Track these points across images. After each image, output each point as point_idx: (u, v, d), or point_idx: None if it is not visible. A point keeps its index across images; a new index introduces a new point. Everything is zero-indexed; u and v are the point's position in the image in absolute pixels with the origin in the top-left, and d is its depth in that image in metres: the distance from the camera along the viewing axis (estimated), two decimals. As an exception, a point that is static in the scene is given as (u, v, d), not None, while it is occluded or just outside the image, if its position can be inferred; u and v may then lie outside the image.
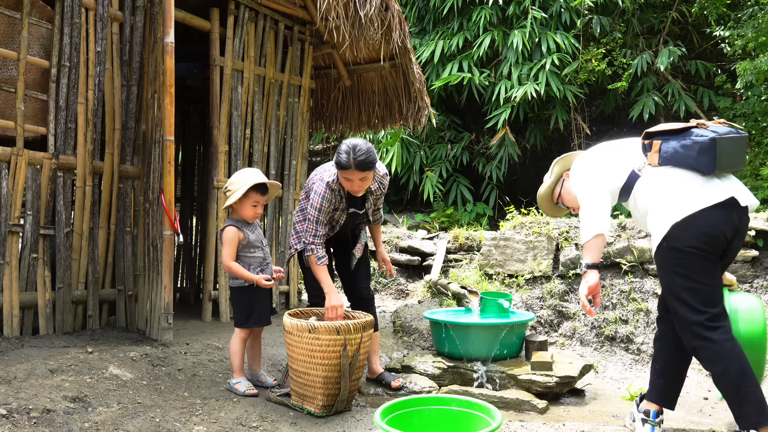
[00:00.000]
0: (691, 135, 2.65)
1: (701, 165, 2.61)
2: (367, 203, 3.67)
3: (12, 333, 3.77)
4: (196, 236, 6.68)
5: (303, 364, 3.10)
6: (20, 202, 3.88)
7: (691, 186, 2.64)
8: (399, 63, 5.80)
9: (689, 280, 2.62)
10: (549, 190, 3.19)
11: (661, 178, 2.70)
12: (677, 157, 2.66)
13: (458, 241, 6.48)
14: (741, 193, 2.69)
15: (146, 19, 4.43)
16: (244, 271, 3.42)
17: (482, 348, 3.95)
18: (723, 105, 7.42)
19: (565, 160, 3.15)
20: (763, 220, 4.69)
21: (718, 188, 2.64)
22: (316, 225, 3.47)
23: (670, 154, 2.67)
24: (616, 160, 2.86)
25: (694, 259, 2.61)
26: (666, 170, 2.70)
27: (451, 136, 8.98)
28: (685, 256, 2.61)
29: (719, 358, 2.57)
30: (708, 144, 2.59)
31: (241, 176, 3.47)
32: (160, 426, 2.79)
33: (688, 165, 2.65)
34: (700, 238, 2.59)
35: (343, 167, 3.28)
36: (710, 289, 2.63)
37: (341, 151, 3.29)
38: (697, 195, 2.62)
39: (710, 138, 2.59)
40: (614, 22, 8.01)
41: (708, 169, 2.61)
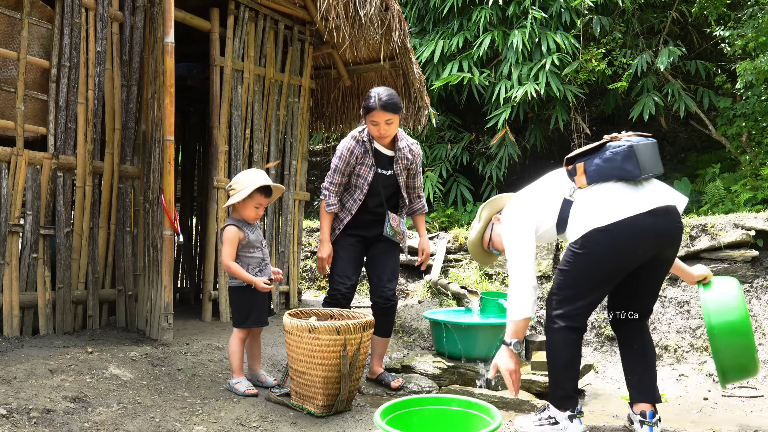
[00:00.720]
0: (609, 149, 2.80)
1: (627, 172, 2.74)
2: (396, 166, 3.72)
3: (12, 333, 3.77)
4: (196, 236, 6.68)
5: (303, 364, 3.10)
6: (20, 202, 3.88)
7: (617, 196, 2.76)
8: (399, 63, 5.80)
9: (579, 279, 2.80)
10: (479, 236, 3.24)
11: (594, 195, 2.81)
12: (603, 171, 2.78)
13: (458, 241, 6.48)
14: (670, 196, 2.81)
15: (146, 19, 4.43)
16: (243, 271, 3.42)
17: (482, 348, 3.95)
18: (723, 105, 7.41)
19: (494, 203, 3.21)
20: (763, 220, 4.69)
21: (645, 197, 2.75)
22: (334, 174, 3.66)
23: (595, 170, 2.79)
24: (544, 198, 2.96)
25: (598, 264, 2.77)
26: (596, 187, 2.82)
27: (451, 136, 8.98)
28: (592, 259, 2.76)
29: (559, 345, 2.83)
30: (627, 151, 2.74)
31: (247, 177, 3.47)
32: (160, 426, 2.79)
33: (615, 176, 2.77)
34: (615, 245, 2.72)
35: (369, 110, 3.53)
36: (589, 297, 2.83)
37: (368, 96, 3.56)
38: (623, 204, 2.73)
39: (628, 145, 2.75)
40: (614, 22, 8.01)
41: (634, 174, 2.74)
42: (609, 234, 2.72)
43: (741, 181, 6.71)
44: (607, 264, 2.79)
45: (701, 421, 3.41)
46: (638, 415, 2.94)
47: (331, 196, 3.68)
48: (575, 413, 2.87)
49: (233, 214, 3.54)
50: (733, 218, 4.83)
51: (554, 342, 2.87)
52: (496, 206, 3.22)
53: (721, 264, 4.67)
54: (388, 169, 3.71)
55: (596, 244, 2.75)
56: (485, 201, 3.33)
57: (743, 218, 4.80)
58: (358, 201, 3.70)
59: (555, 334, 2.86)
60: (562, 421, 2.85)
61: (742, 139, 7.08)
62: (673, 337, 4.50)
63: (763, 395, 3.88)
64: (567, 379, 2.87)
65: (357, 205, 3.71)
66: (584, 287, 2.83)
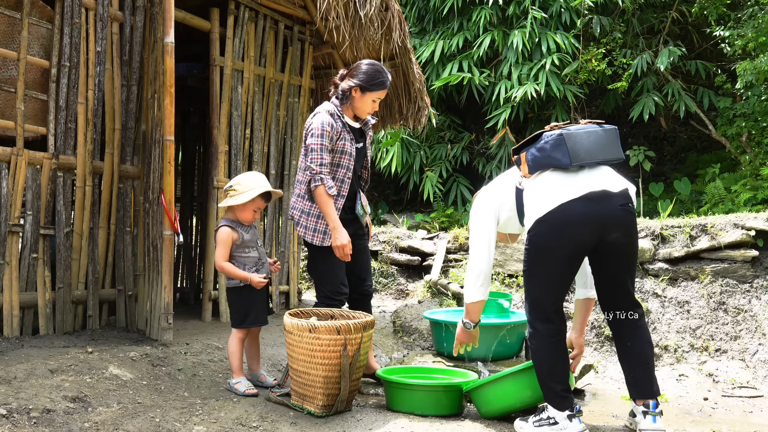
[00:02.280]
0: (543, 138, 2.87)
1: (556, 160, 2.79)
2: (367, 138, 3.64)
3: (12, 333, 3.77)
4: (196, 236, 6.68)
5: (303, 364, 3.10)
6: (20, 202, 3.87)
7: (552, 184, 2.81)
8: (399, 63, 5.79)
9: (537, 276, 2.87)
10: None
11: (533, 184, 2.90)
12: (537, 160, 2.86)
13: (458, 241, 6.48)
14: (610, 183, 2.80)
15: (146, 19, 4.43)
16: (236, 270, 3.42)
17: (482, 348, 3.95)
18: (723, 105, 7.41)
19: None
20: (763, 220, 4.69)
21: (579, 183, 2.77)
22: (321, 152, 3.33)
23: (531, 159, 2.87)
24: (502, 187, 3.10)
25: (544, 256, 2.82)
26: (536, 176, 2.90)
27: (451, 136, 8.98)
28: (539, 252, 2.82)
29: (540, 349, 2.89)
30: (557, 139, 2.79)
31: (250, 179, 3.47)
32: (160, 426, 2.79)
33: (549, 164, 2.83)
34: (554, 234, 2.76)
35: (383, 87, 3.44)
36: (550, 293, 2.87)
37: (376, 72, 3.42)
38: (557, 192, 2.78)
39: (558, 134, 2.81)
40: (614, 22, 8.01)
41: (564, 162, 2.78)
42: (546, 224, 2.77)
43: (741, 181, 6.71)
44: (553, 254, 2.80)
45: (701, 421, 3.42)
46: (641, 407, 2.94)
47: (327, 178, 3.33)
48: (574, 412, 2.88)
49: (227, 214, 3.54)
50: (733, 218, 4.83)
51: (534, 347, 2.93)
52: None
53: (721, 264, 4.67)
54: (359, 142, 3.55)
55: (538, 235, 2.81)
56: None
57: (743, 218, 4.80)
58: (347, 181, 3.46)
59: (533, 339, 2.93)
60: (561, 421, 2.86)
61: (742, 139, 7.09)
62: (673, 337, 4.50)
63: (763, 395, 3.88)
64: (554, 381, 2.89)
65: (348, 186, 3.47)
66: (543, 284, 2.88)
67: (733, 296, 4.56)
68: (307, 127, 3.46)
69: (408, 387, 3.28)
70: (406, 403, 3.24)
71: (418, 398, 3.23)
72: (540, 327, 2.90)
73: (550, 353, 2.90)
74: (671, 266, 4.81)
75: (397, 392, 3.28)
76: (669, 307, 4.67)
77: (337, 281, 3.50)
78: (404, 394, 3.26)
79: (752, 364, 4.20)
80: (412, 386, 3.28)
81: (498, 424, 3.11)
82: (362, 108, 3.48)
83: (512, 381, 3.13)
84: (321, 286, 3.55)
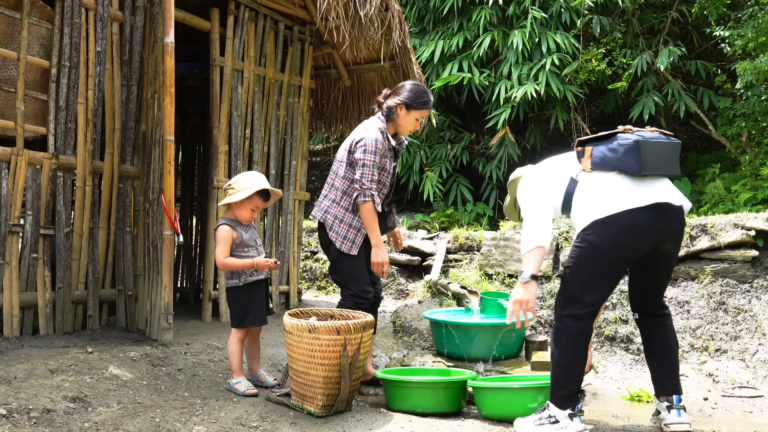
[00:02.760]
0: (617, 139, 2.85)
1: (627, 166, 2.79)
2: (398, 157, 3.76)
3: (12, 333, 3.77)
4: (196, 236, 6.68)
5: (303, 364, 3.10)
6: (20, 202, 3.87)
7: (618, 188, 2.81)
8: (399, 63, 5.80)
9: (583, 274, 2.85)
10: (510, 205, 3.45)
11: (593, 181, 2.88)
12: (606, 160, 2.84)
13: (458, 241, 6.48)
14: (672, 196, 2.85)
15: (146, 19, 4.43)
16: (239, 260, 3.42)
17: (482, 348, 3.95)
18: (723, 105, 7.40)
19: (513, 183, 3.33)
20: (763, 220, 4.69)
21: (645, 192, 2.79)
22: (373, 169, 3.47)
23: (600, 158, 2.85)
24: (556, 173, 3.04)
25: (598, 256, 2.81)
26: (597, 174, 2.88)
27: (451, 136, 8.97)
28: (594, 251, 2.81)
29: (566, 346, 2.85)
30: (632, 145, 2.78)
31: (248, 178, 3.47)
32: (160, 426, 2.79)
33: (616, 167, 2.83)
34: (615, 237, 2.77)
35: (427, 106, 3.58)
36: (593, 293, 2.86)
37: (422, 92, 3.56)
38: (622, 197, 2.78)
39: (634, 140, 2.79)
40: (614, 22, 8.00)
41: (633, 169, 2.78)
42: (609, 226, 2.77)
43: (741, 181, 6.70)
44: (608, 256, 2.82)
45: (701, 421, 3.42)
46: (665, 403, 3.00)
47: (376, 195, 3.48)
48: (575, 412, 2.88)
49: (227, 213, 3.54)
50: (733, 218, 4.83)
51: (560, 342, 2.88)
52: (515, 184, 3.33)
53: (721, 264, 4.67)
54: (395, 161, 3.71)
55: (597, 235, 2.79)
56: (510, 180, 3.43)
57: (743, 218, 4.80)
58: (382, 196, 3.62)
59: (561, 335, 2.88)
60: (562, 420, 2.86)
61: (742, 139, 7.08)
62: (673, 337, 4.50)
63: (763, 395, 3.88)
64: (571, 381, 2.89)
65: (382, 200, 3.62)
66: (588, 283, 2.86)
67: (733, 296, 4.56)
68: (356, 140, 3.54)
69: (407, 385, 3.29)
70: (406, 402, 3.25)
71: (417, 396, 3.24)
72: (571, 324, 2.86)
73: (575, 352, 2.87)
74: (671, 266, 4.81)
75: (396, 390, 3.29)
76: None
77: (363, 282, 3.61)
78: (403, 393, 3.27)
79: (752, 364, 4.20)
80: (410, 384, 3.29)
81: (498, 424, 3.11)
82: (405, 126, 3.61)
83: (520, 393, 3.14)
84: (349, 286, 3.61)
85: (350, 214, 3.58)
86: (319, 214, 3.66)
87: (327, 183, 3.71)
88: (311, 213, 3.78)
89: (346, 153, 3.59)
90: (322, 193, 3.74)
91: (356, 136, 3.57)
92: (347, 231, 3.57)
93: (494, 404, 3.17)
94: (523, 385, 3.23)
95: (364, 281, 3.61)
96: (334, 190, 3.65)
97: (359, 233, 3.58)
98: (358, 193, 3.48)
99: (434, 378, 3.47)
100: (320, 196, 3.74)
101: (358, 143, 3.52)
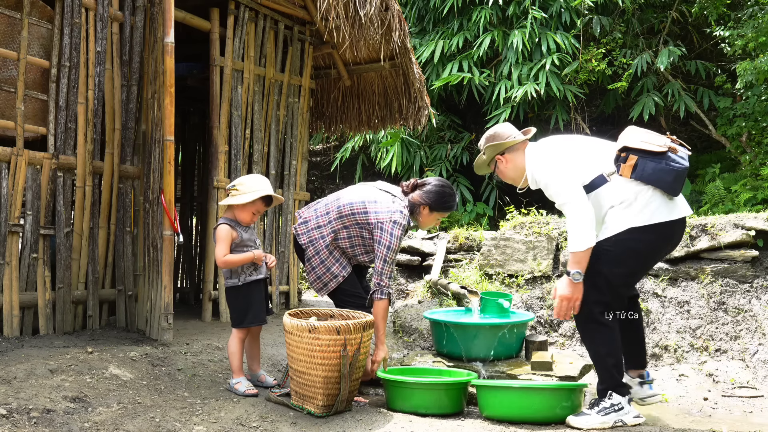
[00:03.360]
0: (668, 160, 2.97)
1: (672, 189, 2.98)
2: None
3: (12, 333, 3.77)
4: (196, 236, 6.68)
5: (303, 364, 3.10)
6: (20, 202, 3.87)
7: (657, 201, 3.00)
8: (399, 63, 5.80)
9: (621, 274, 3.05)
10: (483, 165, 3.51)
11: (630, 189, 3.02)
12: (653, 177, 2.96)
13: (458, 241, 6.47)
14: (687, 209, 3.13)
15: (146, 19, 4.43)
16: (240, 255, 3.43)
17: (482, 348, 3.94)
18: (723, 105, 7.40)
19: (495, 147, 3.37)
20: (763, 220, 4.69)
21: (675, 207, 3.05)
22: (392, 265, 3.56)
23: (648, 174, 2.96)
24: (586, 159, 3.13)
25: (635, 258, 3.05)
26: (637, 183, 3.01)
27: (451, 136, 8.97)
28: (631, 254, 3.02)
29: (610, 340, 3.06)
30: (682, 172, 2.96)
31: (253, 182, 3.48)
32: (160, 426, 2.79)
33: (659, 185, 2.98)
34: (654, 244, 3.05)
35: (450, 209, 3.68)
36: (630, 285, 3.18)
37: (447, 195, 3.62)
38: (661, 210, 3.00)
39: (684, 167, 2.97)
40: (614, 22, 8.01)
41: (675, 193, 3.01)
42: (648, 233, 2.99)
43: (741, 181, 6.71)
44: (644, 258, 3.11)
45: (701, 421, 3.42)
46: (636, 378, 3.33)
47: (391, 293, 3.62)
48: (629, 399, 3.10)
49: (227, 213, 3.54)
50: (733, 218, 4.83)
51: (606, 337, 3.05)
52: (498, 148, 3.37)
53: (721, 264, 4.67)
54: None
55: (636, 241, 2.99)
56: (485, 136, 3.48)
57: (743, 218, 4.80)
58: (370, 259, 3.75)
59: (605, 329, 3.05)
60: (626, 406, 3.05)
61: (742, 139, 7.08)
62: (673, 337, 4.50)
63: (763, 395, 3.88)
64: (617, 371, 3.08)
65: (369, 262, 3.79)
66: (624, 282, 3.09)
67: (733, 296, 4.56)
68: (391, 222, 3.51)
69: (408, 386, 3.29)
70: (407, 402, 3.25)
71: (418, 397, 3.24)
72: (609, 320, 3.05)
73: (618, 343, 3.09)
74: (671, 266, 4.81)
75: (397, 391, 3.29)
76: (669, 307, 4.67)
77: (350, 292, 3.71)
78: (404, 393, 3.27)
79: (752, 364, 4.20)
80: (411, 385, 3.29)
81: (498, 424, 3.11)
82: (426, 223, 3.69)
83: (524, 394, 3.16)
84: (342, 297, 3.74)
85: (331, 258, 3.66)
86: (304, 239, 3.68)
87: (323, 212, 3.67)
88: (294, 228, 3.77)
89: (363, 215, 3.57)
90: (313, 216, 3.70)
91: (383, 215, 3.53)
92: (323, 273, 3.66)
93: (496, 404, 3.17)
94: (528, 385, 3.25)
95: (358, 294, 3.71)
96: (328, 227, 3.64)
97: (335, 279, 3.66)
98: (376, 290, 3.54)
99: (435, 379, 3.47)
100: (312, 219, 3.70)
101: (384, 233, 3.50)
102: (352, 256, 3.73)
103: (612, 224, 3.02)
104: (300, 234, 3.70)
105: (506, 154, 3.34)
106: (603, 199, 3.05)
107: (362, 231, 3.60)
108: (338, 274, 3.66)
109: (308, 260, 3.68)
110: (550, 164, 3.12)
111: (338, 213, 3.63)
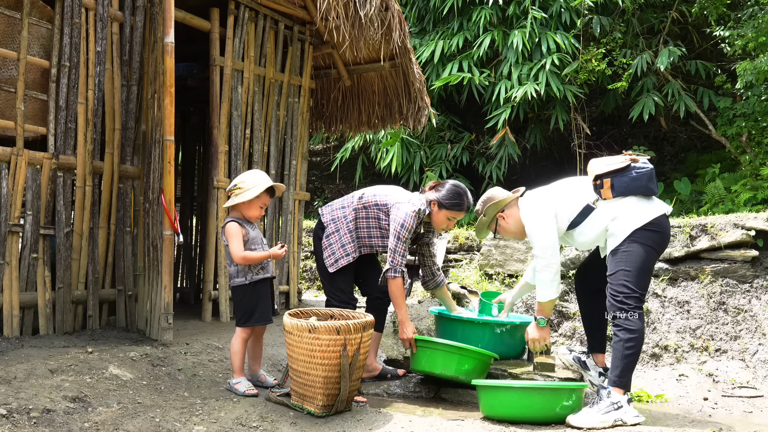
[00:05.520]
0: (634, 170, 3.29)
1: (649, 190, 3.29)
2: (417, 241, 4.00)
3: (12, 333, 3.77)
4: (196, 236, 6.68)
5: (303, 364, 3.10)
6: (20, 202, 3.88)
7: (642, 204, 3.29)
8: (399, 63, 5.80)
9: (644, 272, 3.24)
10: (484, 226, 3.72)
11: (618, 203, 3.31)
12: (631, 186, 3.27)
13: (458, 241, 6.48)
14: (666, 206, 3.36)
15: (146, 19, 4.43)
16: (257, 252, 3.45)
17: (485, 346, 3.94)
18: (723, 105, 7.40)
19: (496, 205, 3.61)
20: (763, 220, 4.69)
21: (658, 204, 3.33)
22: (405, 244, 3.66)
23: (625, 186, 3.28)
24: (570, 198, 3.42)
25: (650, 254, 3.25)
26: (620, 198, 3.30)
27: (451, 136, 8.97)
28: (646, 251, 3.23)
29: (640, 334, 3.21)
30: (650, 173, 3.29)
31: (253, 177, 3.48)
32: (160, 426, 2.79)
33: (638, 192, 3.28)
34: (660, 238, 3.26)
35: (459, 209, 3.72)
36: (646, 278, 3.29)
37: (458, 194, 3.70)
38: (650, 209, 3.27)
39: (651, 168, 3.31)
40: (614, 22, 8.00)
41: (654, 191, 3.32)
42: (651, 231, 3.21)
43: (741, 181, 6.70)
44: (656, 253, 3.28)
45: (701, 421, 3.42)
46: (599, 368, 3.63)
47: (406, 272, 3.71)
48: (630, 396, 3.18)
49: (233, 213, 3.54)
50: (733, 218, 4.83)
51: (632, 335, 3.16)
52: (500, 205, 3.61)
53: (721, 264, 4.67)
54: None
55: (646, 239, 3.21)
56: (483, 196, 3.70)
57: (743, 218, 4.80)
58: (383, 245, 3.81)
59: (633, 326, 3.17)
60: (625, 405, 3.10)
61: (742, 139, 7.08)
62: (673, 337, 4.50)
63: (763, 395, 3.88)
64: (635, 366, 3.23)
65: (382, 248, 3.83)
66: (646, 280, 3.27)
67: (733, 296, 4.56)
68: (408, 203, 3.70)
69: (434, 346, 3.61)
70: (428, 363, 3.61)
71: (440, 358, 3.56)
72: (638, 317, 3.17)
73: (644, 336, 3.23)
74: (671, 266, 4.81)
75: (422, 352, 3.63)
76: (669, 307, 4.67)
77: (342, 290, 3.82)
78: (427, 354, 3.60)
79: (752, 364, 4.20)
80: (437, 345, 3.61)
81: (498, 424, 3.11)
82: (437, 222, 3.79)
83: (524, 394, 3.15)
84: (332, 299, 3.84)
85: (349, 235, 3.77)
86: (327, 217, 3.85)
87: (348, 199, 3.88)
88: (320, 209, 3.98)
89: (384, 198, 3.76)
90: (338, 200, 3.92)
91: (399, 200, 3.72)
92: (338, 249, 3.77)
93: (497, 404, 3.17)
94: (528, 384, 3.24)
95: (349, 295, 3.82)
96: (350, 207, 3.82)
97: (347, 257, 3.76)
98: (389, 269, 3.64)
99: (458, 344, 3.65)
100: (338, 201, 3.91)
101: (399, 211, 3.66)
102: (368, 241, 3.81)
103: (618, 232, 3.26)
104: (324, 213, 3.89)
105: (506, 211, 3.60)
106: (597, 222, 3.34)
107: (380, 212, 3.76)
108: (350, 253, 3.77)
109: (327, 237, 3.81)
110: (535, 219, 3.40)
111: (360, 198, 3.84)
